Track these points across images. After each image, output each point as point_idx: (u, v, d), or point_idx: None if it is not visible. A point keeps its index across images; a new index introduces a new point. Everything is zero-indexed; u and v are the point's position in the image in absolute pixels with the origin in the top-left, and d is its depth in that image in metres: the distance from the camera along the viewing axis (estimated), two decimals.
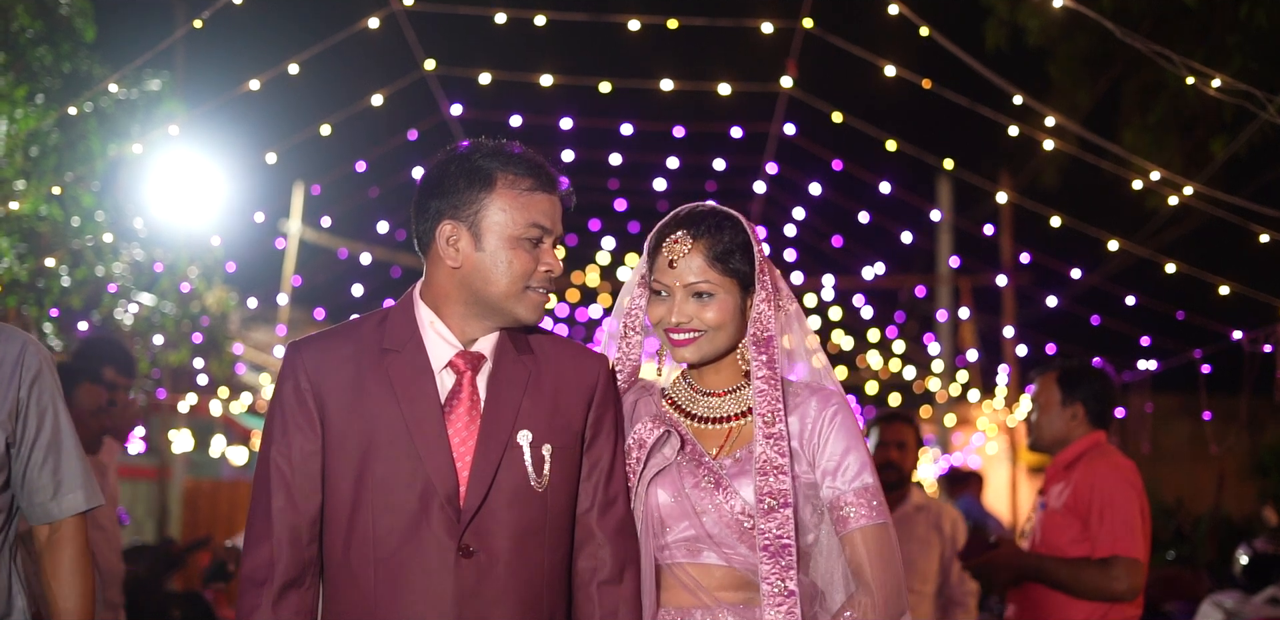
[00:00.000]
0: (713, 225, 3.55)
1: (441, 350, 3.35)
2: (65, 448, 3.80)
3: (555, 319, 18.51)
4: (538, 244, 3.32)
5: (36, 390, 3.74)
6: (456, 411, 3.30)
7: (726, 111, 12.13)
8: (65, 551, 3.74)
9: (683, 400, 3.67)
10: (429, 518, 3.21)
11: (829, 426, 3.54)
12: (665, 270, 3.55)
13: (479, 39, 12.83)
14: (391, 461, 3.24)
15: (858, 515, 3.47)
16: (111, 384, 6.87)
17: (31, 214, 9.41)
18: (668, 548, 3.50)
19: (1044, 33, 11.45)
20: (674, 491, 3.50)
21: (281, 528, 3.26)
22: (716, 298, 3.53)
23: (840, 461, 3.51)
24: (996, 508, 17.27)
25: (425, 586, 3.19)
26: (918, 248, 18.35)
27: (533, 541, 3.27)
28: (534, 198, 3.32)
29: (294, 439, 3.30)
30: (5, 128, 9.17)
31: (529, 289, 3.33)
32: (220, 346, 12.91)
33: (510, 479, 3.26)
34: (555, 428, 3.34)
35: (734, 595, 3.47)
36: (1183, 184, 8.11)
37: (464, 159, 3.35)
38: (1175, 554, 13.00)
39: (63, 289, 9.97)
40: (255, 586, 3.25)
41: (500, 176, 3.31)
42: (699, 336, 3.54)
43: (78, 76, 10.06)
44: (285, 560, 3.25)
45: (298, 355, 3.36)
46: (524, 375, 3.36)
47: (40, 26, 9.73)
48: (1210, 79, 7.02)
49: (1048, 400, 5.82)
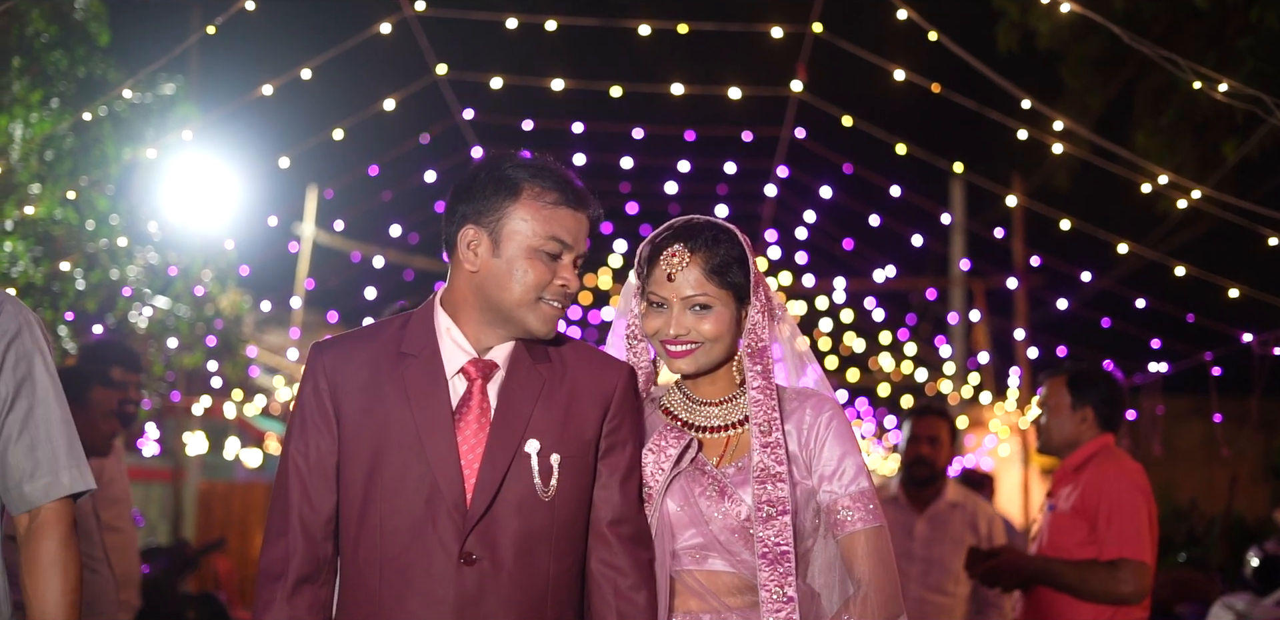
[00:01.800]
0: (709, 238, 3.58)
1: (456, 357, 3.38)
2: (46, 421, 3.35)
3: (568, 322, 18.50)
4: (556, 258, 3.35)
5: (13, 354, 3.29)
6: (466, 418, 3.33)
7: (737, 115, 12.17)
8: (43, 542, 3.27)
9: (679, 409, 3.70)
10: (434, 522, 3.24)
11: (825, 432, 3.58)
12: (663, 283, 3.59)
13: (491, 44, 12.85)
14: (400, 465, 3.28)
15: (854, 519, 3.51)
16: (122, 383, 6.94)
17: (46, 217, 9.46)
18: (677, 554, 3.53)
19: (1055, 36, 11.45)
20: (682, 500, 3.54)
21: (297, 524, 3.31)
22: (714, 310, 3.57)
23: (837, 466, 3.55)
24: (1009, 510, 17.26)
25: (427, 590, 3.22)
26: (929, 250, 18.37)
27: (538, 550, 3.29)
28: (557, 211, 3.34)
29: (311, 438, 3.35)
30: (20, 132, 9.22)
31: (541, 301, 3.34)
32: (234, 349, 12.95)
33: (517, 487, 3.29)
34: (566, 438, 3.35)
35: (740, 599, 3.51)
36: (1191, 187, 8.11)
37: (495, 167, 3.38)
38: (1187, 556, 13.00)
39: (77, 292, 10.01)
40: (271, 581, 3.30)
41: (527, 187, 3.33)
42: (696, 348, 3.58)
43: (92, 81, 10.11)
44: (300, 555, 3.30)
45: (319, 356, 3.40)
46: (538, 384, 3.38)
47: (55, 31, 9.78)
48: (1218, 83, 7.02)
49: (1057, 403, 5.83)
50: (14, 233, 9.10)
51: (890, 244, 16.95)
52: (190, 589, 13.31)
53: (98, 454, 6.24)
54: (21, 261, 9.10)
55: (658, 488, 3.51)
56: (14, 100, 9.23)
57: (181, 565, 9.17)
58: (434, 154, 14.14)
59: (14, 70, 9.26)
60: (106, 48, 10.29)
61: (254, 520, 18.09)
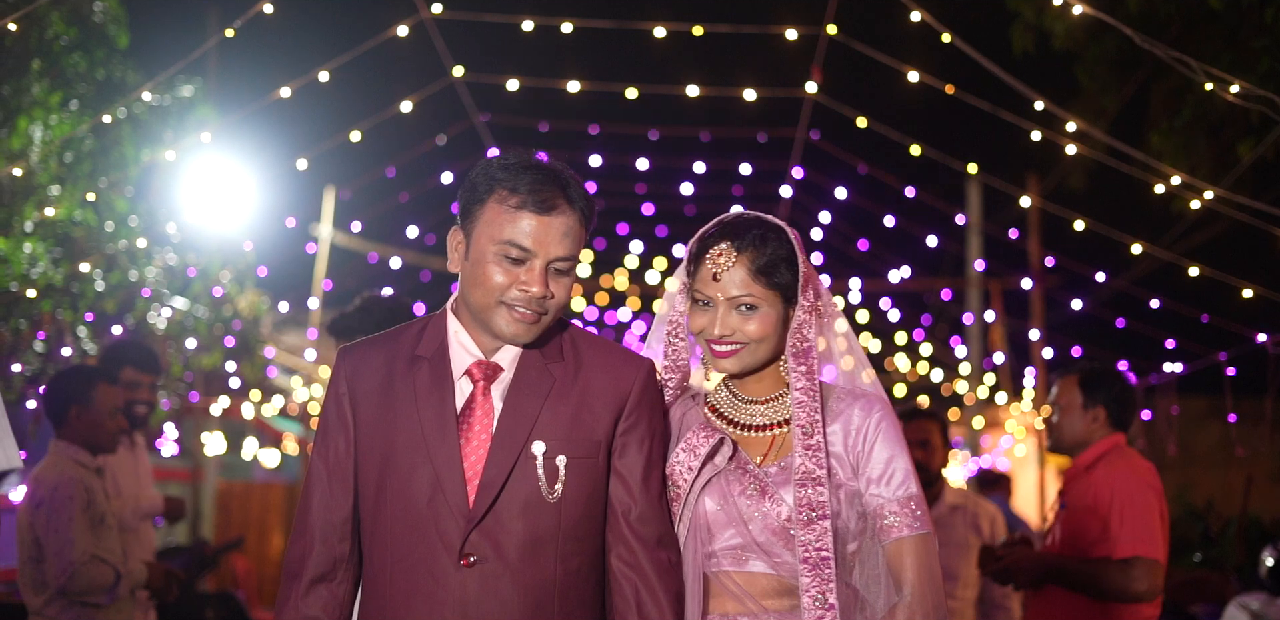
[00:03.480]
0: (757, 237, 3.50)
1: (462, 359, 3.39)
2: None
3: (585, 322, 18.57)
4: (521, 262, 3.29)
5: None
6: (470, 420, 3.33)
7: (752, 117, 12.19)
8: None
9: (725, 407, 3.65)
10: (437, 523, 3.25)
11: (874, 434, 3.52)
12: (709, 282, 3.51)
13: (507, 46, 12.88)
14: (408, 466, 3.29)
15: (901, 525, 3.46)
16: (133, 383, 7.00)
17: (66, 219, 9.51)
18: (714, 555, 3.48)
19: (1070, 36, 11.45)
20: (721, 499, 3.48)
21: (316, 524, 3.37)
22: (759, 311, 3.50)
23: (885, 470, 3.49)
24: (1025, 510, 17.26)
25: (431, 591, 3.24)
26: (944, 251, 18.37)
27: (545, 552, 3.27)
28: (518, 215, 3.28)
29: (331, 441, 3.39)
30: (40, 134, 9.27)
31: (503, 304, 3.30)
32: (252, 350, 13.01)
33: (522, 489, 3.27)
34: (574, 439, 3.33)
35: (779, 602, 3.46)
36: (1203, 188, 8.12)
37: (481, 168, 3.37)
38: (1203, 556, 12.98)
39: (97, 293, 10.07)
40: (290, 580, 3.37)
41: (496, 190, 3.30)
42: (741, 349, 3.52)
43: (111, 83, 10.16)
44: (316, 555, 3.35)
45: (342, 361, 3.44)
46: (546, 385, 3.36)
47: (74, 33, 9.83)
48: (1229, 85, 7.03)
49: (1069, 403, 5.86)
50: (34, 234, 9.15)
51: (905, 245, 16.98)
52: (208, 588, 13.38)
53: (104, 451, 6.33)
54: (41, 262, 9.14)
55: (686, 487, 3.46)
56: (34, 102, 9.27)
57: (200, 564, 9.19)
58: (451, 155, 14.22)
59: (34, 73, 9.30)
60: (125, 50, 10.34)
61: (272, 520, 18.15)
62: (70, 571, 5.86)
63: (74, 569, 5.86)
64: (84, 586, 5.90)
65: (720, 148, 13.62)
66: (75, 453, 6.17)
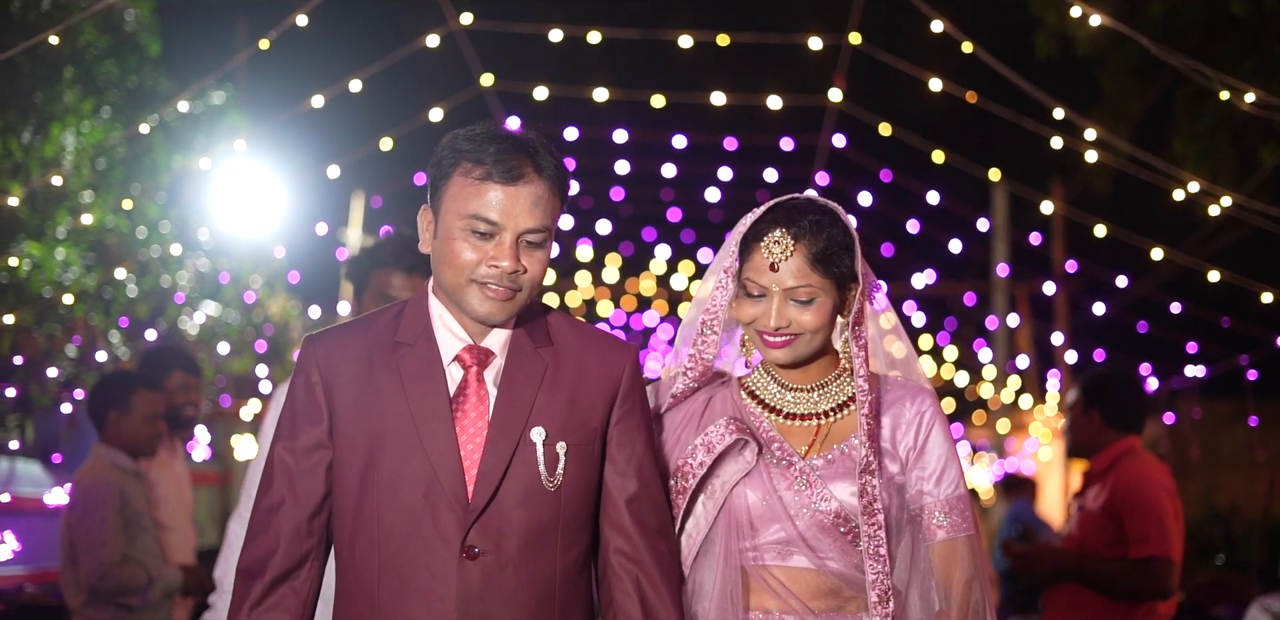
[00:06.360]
0: (814, 223, 3.36)
1: (451, 344, 3.23)
2: None
3: (611, 326, 18.64)
4: (489, 237, 3.12)
5: None
6: (464, 407, 3.17)
7: (777, 124, 12.24)
8: None
9: (765, 394, 3.52)
10: (434, 517, 3.09)
11: (926, 430, 3.42)
12: (763, 271, 3.35)
13: (535, 55, 12.95)
14: (398, 457, 3.13)
15: (951, 525, 3.37)
16: (183, 386, 7.10)
17: (99, 225, 9.61)
18: (757, 550, 3.36)
19: (1093, 43, 11.50)
20: (764, 493, 3.36)
21: (282, 521, 3.19)
22: (816, 301, 3.35)
23: (939, 468, 3.40)
24: (1050, 513, 17.29)
25: (427, 588, 3.08)
26: (968, 256, 18.39)
27: (545, 542, 3.14)
28: (482, 188, 3.12)
29: (301, 432, 3.20)
30: (73, 141, 9.35)
31: (474, 282, 3.13)
32: (283, 354, 13.11)
33: (521, 478, 3.13)
34: (572, 424, 3.20)
35: (822, 603, 3.34)
36: (1223, 193, 8.17)
37: (447, 141, 3.23)
38: (1226, 559, 12.99)
39: (130, 299, 10.18)
40: (249, 579, 3.20)
41: (460, 163, 3.16)
42: (795, 339, 3.37)
43: (143, 90, 10.25)
44: (281, 554, 3.18)
45: (311, 348, 3.25)
46: (540, 369, 3.22)
47: (106, 41, 9.92)
48: (1244, 93, 7.09)
49: (1073, 407, 6.03)
50: (67, 240, 9.23)
51: (929, 250, 17.02)
52: None
53: (144, 455, 6.44)
54: (75, 268, 9.23)
55: (694, 482, 3.35)
56: (66, 110, 9.34)
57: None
58: None
59: (66, 80, 9.39)
60: (156, 58, 10.44)
61: None
62: (101, 571, 5.97)
63: (104, 569, 5.97)
64: (115, 587, 6.01)
65: (745, 154, 13.66)
66: (115, 456, 6.29)
